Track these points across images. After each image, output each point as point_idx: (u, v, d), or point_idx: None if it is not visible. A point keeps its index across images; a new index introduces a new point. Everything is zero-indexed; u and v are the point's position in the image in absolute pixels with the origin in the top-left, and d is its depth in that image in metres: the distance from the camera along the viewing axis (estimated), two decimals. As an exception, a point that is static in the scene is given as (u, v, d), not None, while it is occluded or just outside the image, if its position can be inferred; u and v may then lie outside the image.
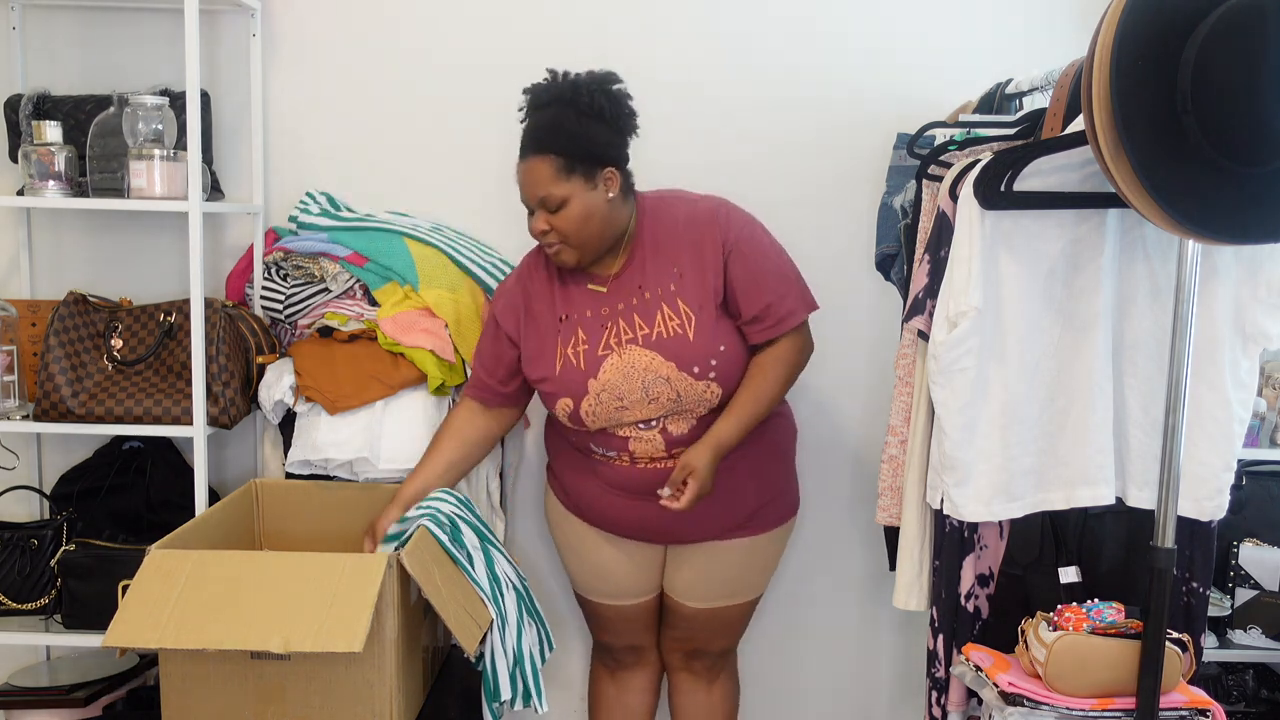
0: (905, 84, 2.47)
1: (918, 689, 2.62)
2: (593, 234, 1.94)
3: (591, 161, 1.91)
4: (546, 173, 1.90)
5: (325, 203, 2.45)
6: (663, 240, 1.99)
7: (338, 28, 2.48)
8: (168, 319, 2.25)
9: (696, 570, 2.12)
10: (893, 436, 1.98)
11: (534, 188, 1.92)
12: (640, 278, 1.98)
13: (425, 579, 1.83)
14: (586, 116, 1.90)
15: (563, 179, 1.89)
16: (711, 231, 1.97)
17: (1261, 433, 2.26)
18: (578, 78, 1.94)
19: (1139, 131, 1.43)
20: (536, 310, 2.05)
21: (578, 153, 1.90)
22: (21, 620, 2.21)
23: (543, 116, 1.93)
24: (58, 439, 2.47)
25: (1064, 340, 1.78)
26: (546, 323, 2.03)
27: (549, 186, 1.90)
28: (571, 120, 1.90)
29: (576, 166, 1.90)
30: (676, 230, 1.99)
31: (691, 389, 1.94)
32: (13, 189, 2.34)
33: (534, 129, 1.93)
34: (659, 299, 1.97)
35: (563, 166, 1.89)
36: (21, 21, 2.43)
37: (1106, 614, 1.70)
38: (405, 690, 1.90)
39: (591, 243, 1.95)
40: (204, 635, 1.69)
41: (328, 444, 2.19)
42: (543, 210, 1.93)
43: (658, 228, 2.01)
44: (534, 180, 1.92)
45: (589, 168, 1.91)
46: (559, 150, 1.89)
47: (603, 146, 1.92)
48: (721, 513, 2.04)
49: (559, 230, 1.92)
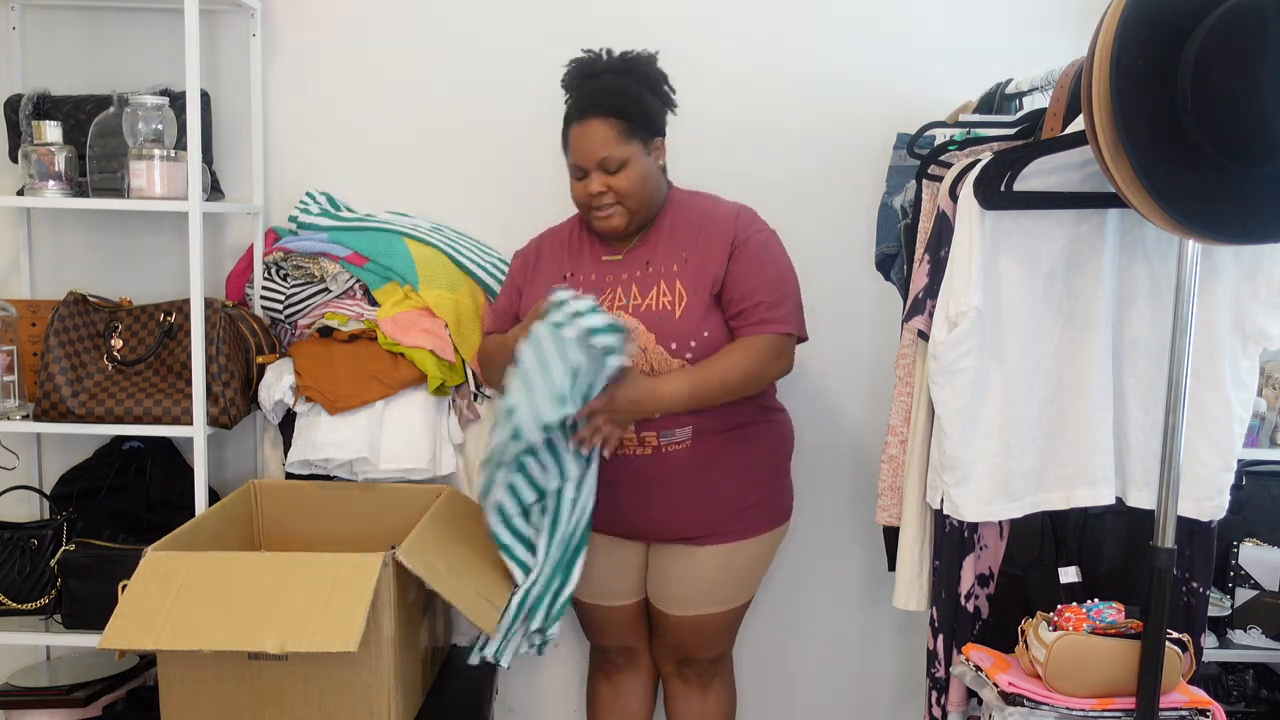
0: (905, 84, 2.47)
1: (918, 689, 2.62)
2: (645, 198, 2.00)
3: (647, 128, 1.99)
4: (609, 134, 1.95)
5: (325, 203, 2.45)
6: (680, 227, 2.04)
7: (338, 28, 2.48)
8: (168, 319, 2.25)
9: (675, 575, 2.10)
10: (893, 436, 1.98)
11: (595, 149, 1.95)
12: (649, 254, 2.03)
13: (428, 571, 1.82)
14: (643, 85, 2.00)
15: (624, 141, 1.95)
16: (727, 227, 2.02)
17: (1261, 433, 2.26)
18: (626, 52, 2.02)
19: (1139, 131, 1.43)
20: (544, 265, 2.11)
21: (638, 117, 1.97)
22: (21, 620, 2.21)
23: (601, 83, 1.99)
24: (58, 439, 2.47)
25: (1064, 340, 1.78)
26: (550, 276, 2.07)
27: (611, 147, 1.94)
28: (632, 86, 1.98)
29: (636, 131, 1.96)
30: (695, 221, 2.04)
31: (665, 365, 1.96)
32: (13, 189, 2.34)
33: (594, 93, 1.98)
34: (659, 276, 2.00)
35: (624, 129, 1.95)
36: (21, 21, 2.43)
37: (1106, 614, 1.69)
38: (403, 689, 1.90)
39: (643, 207, 2.00)
40: (200, 636, 1.69)
41: (328, 444, 2.19)
42: (600, 172, 1.96)
43: (679, 215, 2.06)
44: (595, 141, 1.95)
45: (645, 134, 1.98)
46: (621, 114, 1.95)
47: (656, 115, 2.02)
48: (694, 510, 2.02)
49: (617, 191, 1.97)
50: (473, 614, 1.85)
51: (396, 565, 1.81)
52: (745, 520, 2.07)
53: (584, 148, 1.96)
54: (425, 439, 2.24)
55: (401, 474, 2.23)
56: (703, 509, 2.03)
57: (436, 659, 2.23)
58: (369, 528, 2.22)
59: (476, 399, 2.35)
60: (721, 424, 2.01)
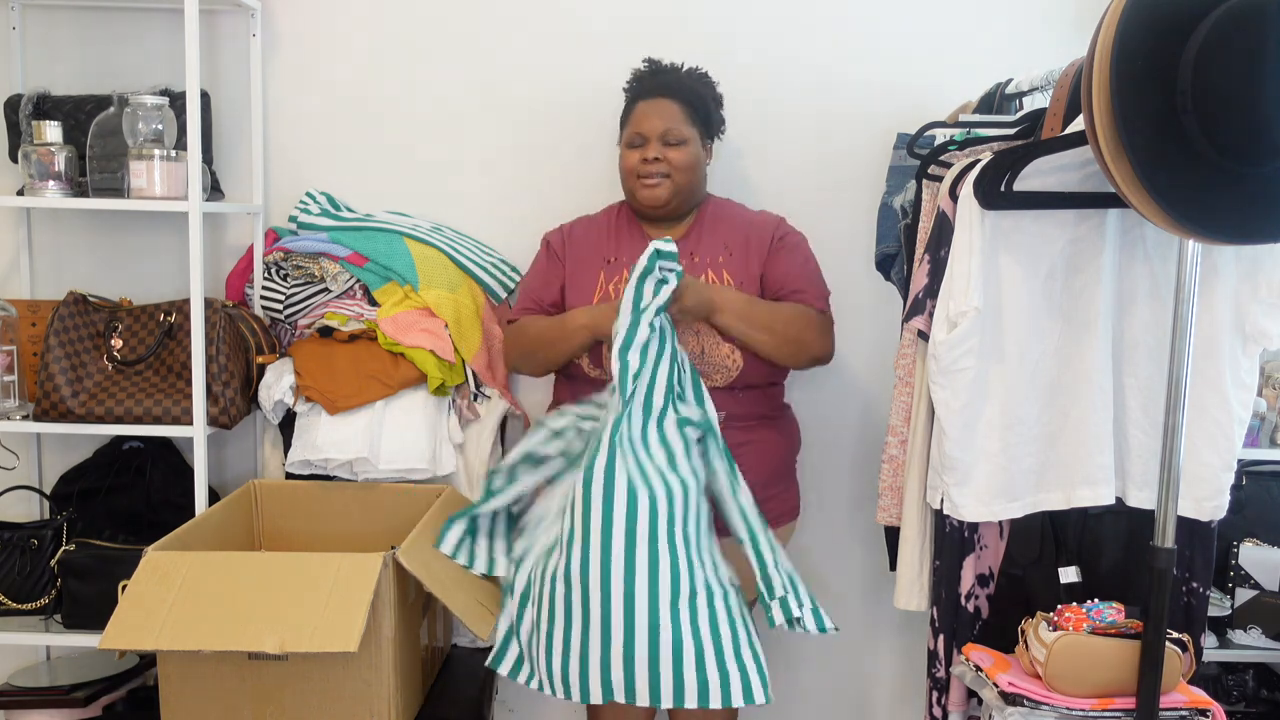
0: (905, 84, 2.47)
1: (918, 689, 2.62)
2: (692, 182, 2.12)
3: (706, 127, 2.16)
4: (677, 113, 2.10)
5: (325, 203, 2.45)
6: (720, 225, 2.16)
7: (338, 28, 2.48)
8: (168, 319, 2.25)
9: None
10: (893, 436, 1.98)
11: (661, 120, 2.08)
12: (694, 246, 2.13)
13: (426, 574, 1.83)
14: (709, 94, 2.18)
15: (688, 124, 2.10)
16: (765, 229, 2.15)
17: (1261, 433, 2.26)
18: (696, 67, 2.20)
19: (1139, 131, 1.43)
20: (583, 242, 2.19)
21: (702, 112, 2.14)
22: (21, 620, 2.21)
23: (677, 76, 2.16)
24: (58, 439, 2.47)
25: (1064, 340, 1.78)
26: (592, 257, 2.15)
27: (677, 123, 2.09)
28: (700, 88, 2.16)
29: (698, 122, 2.13)
30: (735, 220, 2.18)
31: (716, 349, 2.02)
32: (13, 189, 2.34)
33: (670, 82, 2.14)
34: (705, 265, 2.11)
35: (690, 115, 2.11)
36: (21, 21, 2.43)
37: (1106, 614, 1.69)
38: (403, 689, 1.90)
39: (687, 187, 2.11)
40: (200, 636, 1.69)
41: (328, 444, 2.19)
42: (659, 142, 2.08)
43: (718, 212, 2.19)
44: (662, 114, 2.09)
45: (704, 130, 2.15)
46: (690, 103, 2.12)
47: (715, 122, 2.20)
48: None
49: (671, 162, 2.08)
50: (467, 618, 1.85)
51: (396, 565, 1.81)
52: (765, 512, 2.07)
53: (650, 118, 2.08)
54: (425, 439, 2.24)
55: (401, 474, 2.23)
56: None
57: (436, 659, 2.23)
58: (369, 528, 2.22)
59: (476, 399, 2.35)
60: (747, 412, 2.04)
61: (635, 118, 2.11)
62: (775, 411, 2.17)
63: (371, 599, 1.73)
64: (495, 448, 2.38)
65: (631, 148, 2.11)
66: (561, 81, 2.49)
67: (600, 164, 2.43)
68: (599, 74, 2.43)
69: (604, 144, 2.39)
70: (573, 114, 2.49)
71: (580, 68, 2.48)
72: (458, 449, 2.32)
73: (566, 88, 2.49)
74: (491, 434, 2.36)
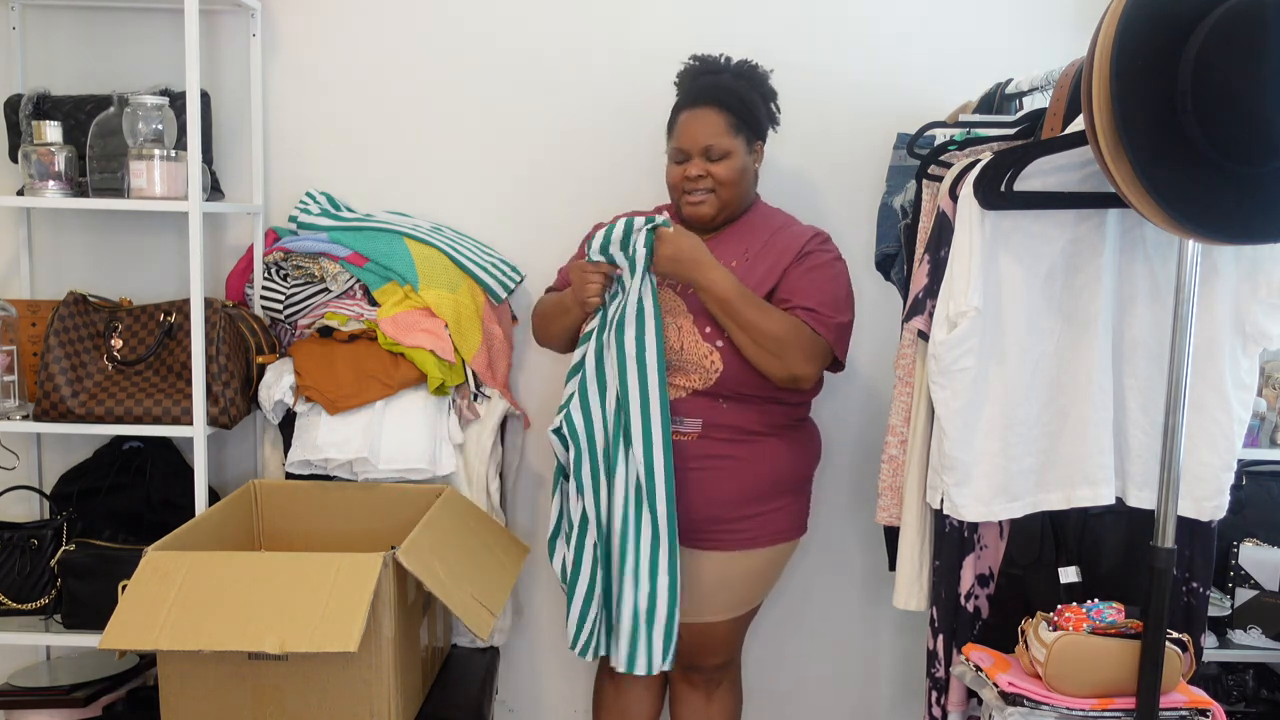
0: (905, 84, 2.47)
1: (918, 689, 2.62)
2: (739, 192, 2.08)
3: (753, 130, 2.09)
4: (719, 124, 2.04)
5: (325, 203, 2.45)
6: (753, 231, 2.11)
7: (338, 28, 2.48)
8: (168, 319, 2.25)
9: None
10: (893, 436, 1.98)
11: (703, 134, 2.04)
12: (717, 248, 2.06)
13: (426, 573, 1.83)
14: (756, 91, 2.10)
15: (731, 134, 2.04)
16: (796, 241, 2.08)
17: (1261, 433, 2.26)
18: (745, 60, 2.12)
19: (1139, 131, 1.43)
20: None
21: (747, 117, 2.07)
22: (21, 620, 2.22)
23: (720, 79, 2.09)
24: (58, 439, 2.48)
25: (1064, 340, 1.78)
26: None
27: (719, 137, 2.04)
28: (746, 89, 2.08)
29: (743, 129, 2.06)
30: (771, 228, 2.12)
31: (696, 347, 2.00)
32: (13, 189, 2.34)
33: (711, 86, 2.08)
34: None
35: (733, 123, 2.05)
36: (21, 21, 2.43)
37: (1106, 614, 1.69)
38: (403, 689, 1.90)
39: (734, 200, 2.08)
40: (200, 636, 1.69)
41: (328, 444, 2.19)
42: (702, 159, 2.04)
43: (758, 218, 2.14)
44: (705, 127, 2.04)
45: (750, 134, 2.09)
46: (733, 109, 2.05)
47: (763, 121, 2.12)
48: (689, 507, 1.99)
49: (715, 177, 2.05)
50: (467, 618, 1.85)
51: (396, 565, 1.81)
52: (743, 530, 2.05)
53: (692, 132, 2.04)
54: (425, 439, 2.24)
55: (401, 474, 2.23)
56: (698, 508, 2.01)
57: (436, 659, 2.23)
58: (369, 528, 2.22)
59: (476, 399, 2.35)
60: (732, 424, 2.02)
61: (679, 131, 2.07)
62: (770, 430, 2.07)
63: (371, 599, 1.73)
64: (495, 448, 2.38)
65: (676, 163, 2.09)
66: (561, 81, 2.49)
67: (600, 163, 2.43)
68: (599, 73, 2.44)
69: (604, 143, 2.39)
70: (573, 113, 2.49)
71: (579, 67, 2.48)
72: (458, 449, 2.32)
73: (566, 87, 2.49)
74: (491, 434, 2.36)
